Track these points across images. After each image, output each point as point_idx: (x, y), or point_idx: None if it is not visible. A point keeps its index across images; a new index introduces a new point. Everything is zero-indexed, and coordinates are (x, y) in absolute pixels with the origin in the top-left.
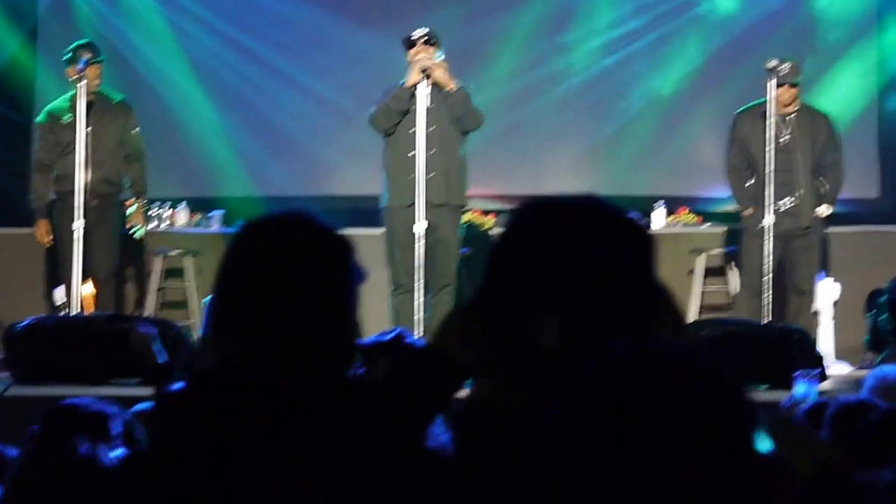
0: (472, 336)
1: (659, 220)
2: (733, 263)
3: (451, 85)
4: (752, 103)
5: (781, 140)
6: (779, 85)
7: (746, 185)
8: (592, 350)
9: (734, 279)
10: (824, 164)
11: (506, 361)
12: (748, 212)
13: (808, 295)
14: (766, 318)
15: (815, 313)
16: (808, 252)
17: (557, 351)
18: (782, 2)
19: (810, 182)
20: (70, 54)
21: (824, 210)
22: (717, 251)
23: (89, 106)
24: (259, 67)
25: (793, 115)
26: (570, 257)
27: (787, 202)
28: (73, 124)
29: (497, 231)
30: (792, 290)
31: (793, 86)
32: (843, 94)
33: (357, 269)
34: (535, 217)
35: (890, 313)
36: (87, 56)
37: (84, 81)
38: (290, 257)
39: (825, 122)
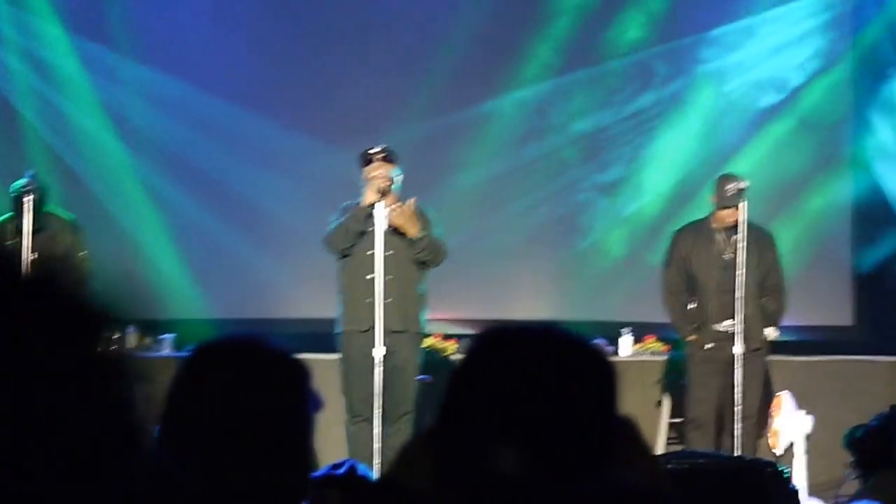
0: (429, 467)
1: (625, 347)
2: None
3: (415, 231)
4: (691, 220)
5: (725, 257)
6: (726, 207)
7: (688, 307)
8: (556, 490)
9: None
10: (768, 284)
11: (463, 492)
12: (692, 337)
13: (753, 418)
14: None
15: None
16: (752, 378)
17: (517, 481)
18: (750, 123)
19: (756, 303)
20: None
21: (772, 333)
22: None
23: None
24: (210, 187)
25: (736, 232)
26: (531, 387)
27: (728, 324)
28: (20, 244)
29: (459, 357)
30: (733, 416)
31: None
32: (815, 220)
33: (313, 396)
34: (495, 346)
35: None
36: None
37: (30, 198)
38: (244, 384)
39: (769, 241)
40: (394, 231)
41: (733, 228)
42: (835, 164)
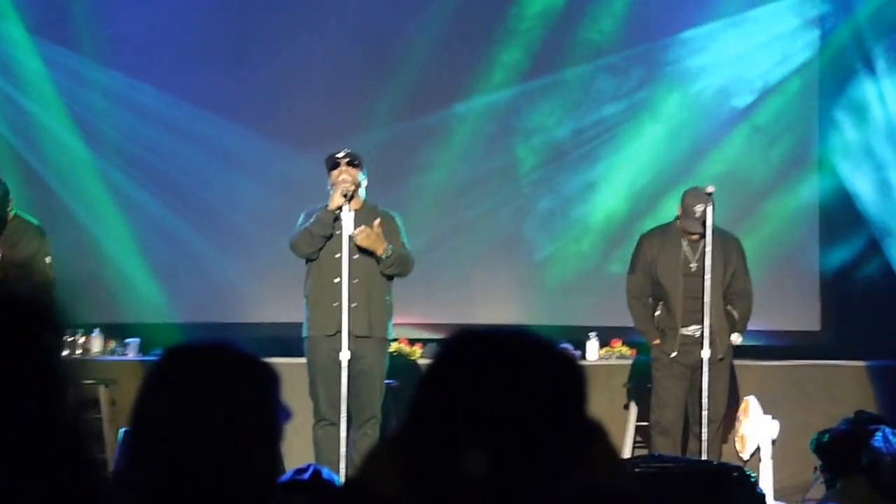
0: (396, 470)
1: (592, 351)
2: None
3: (382, 250)
4: (657, 225)
5: (692, 265)
6: (692, 233)
7: (655, 313)
8: (525, 493)
9: None
10: (734, 290)
11: (431, 496)
12: (657, 341)
13: (718, 423)
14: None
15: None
16: (718, 383)
17: (485, 484)
18: (716, 127)
19: (721, 309)
20: None
21: (737, 339)
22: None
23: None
24: (177, 191)
25: (703, 239)
26: (500, 390)
27: (695, 329)
28: None
29: (425, 361)
30: (697, 422)
31: None
32: (782, 224)
33: (282, 404)
34: (463, 349)
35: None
36: None
37: None
38: (214, 388)
39: (735, 246)
40: (361, 250)
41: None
42: (801, 168)
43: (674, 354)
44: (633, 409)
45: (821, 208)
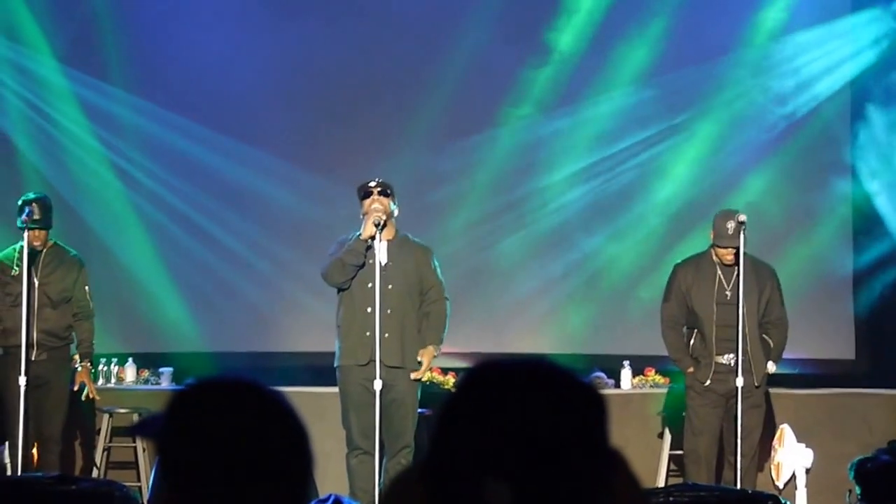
0: (420, 500)
1: (626, 380)
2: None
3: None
4: (692, 254)
5: (726, 293)
6: (725, 247)
7: (690, 342)
8: None
9: None
10: (769, 319)
11: None
12: (691, 369)
13: (753, 451)
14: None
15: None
16: (753, 412)
17: None
18: (750, 155)
19: (757, 337)
20: (21, 204)
21: (771, 367)
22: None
23: (41, 258)
24: (209, 220)
25: (736, 268)
26: (520, 420)
27: (730, 358)
28: (21, 276)
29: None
30: (732, 451)
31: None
32: (817, 252)
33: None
34: (484, 379)
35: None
36: (29, 210)
37: (28, 233)
38: (240, 426)
39: (769, 275)
40: (393, 279)
41: (734, 264)
42: (835, 197)
43: (708, 383)
44: (668, 437)
45: (855, 237)
